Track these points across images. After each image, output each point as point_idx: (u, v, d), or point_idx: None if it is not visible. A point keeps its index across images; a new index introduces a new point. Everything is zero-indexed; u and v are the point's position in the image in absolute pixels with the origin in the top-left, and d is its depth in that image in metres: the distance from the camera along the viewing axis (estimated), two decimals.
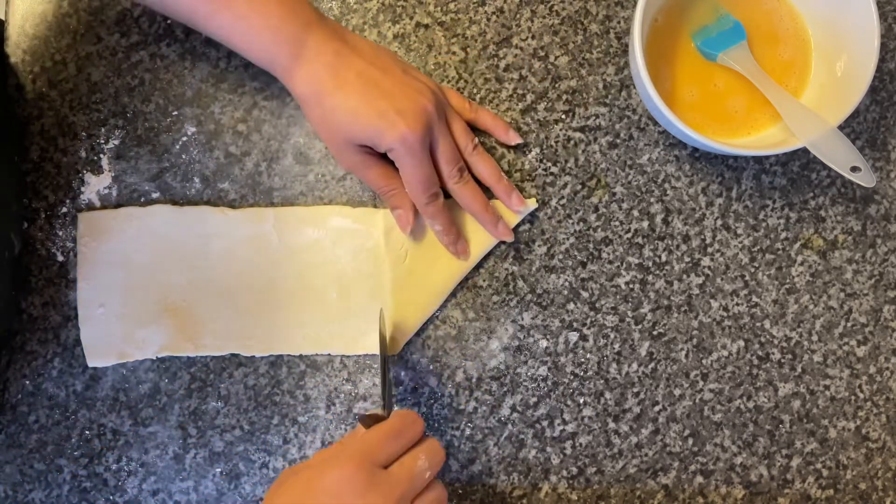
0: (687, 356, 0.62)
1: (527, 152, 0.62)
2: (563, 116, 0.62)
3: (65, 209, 0.60)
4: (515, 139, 0.61)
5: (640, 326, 0.61)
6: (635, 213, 0.62)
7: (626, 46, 0.62)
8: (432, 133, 0.55)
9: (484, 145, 0.61)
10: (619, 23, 0.63)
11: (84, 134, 0.61)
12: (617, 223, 0.62)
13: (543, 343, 0.61)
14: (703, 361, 0.62)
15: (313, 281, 0.60)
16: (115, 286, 0.59)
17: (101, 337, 0.59)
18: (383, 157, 0.57)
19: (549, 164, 0.62)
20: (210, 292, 0.59)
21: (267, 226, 0.60)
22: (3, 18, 0.62)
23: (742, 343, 0.62)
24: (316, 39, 0.54)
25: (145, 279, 0.59)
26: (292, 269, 0.60)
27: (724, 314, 0.62)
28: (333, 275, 0.60)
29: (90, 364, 0.59)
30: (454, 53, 0.62)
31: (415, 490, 0.47)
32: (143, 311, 0.59)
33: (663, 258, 0.62)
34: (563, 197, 0.62)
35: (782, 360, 0.62)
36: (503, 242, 0.61)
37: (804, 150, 0.57)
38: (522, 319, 0.61)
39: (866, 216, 0.63)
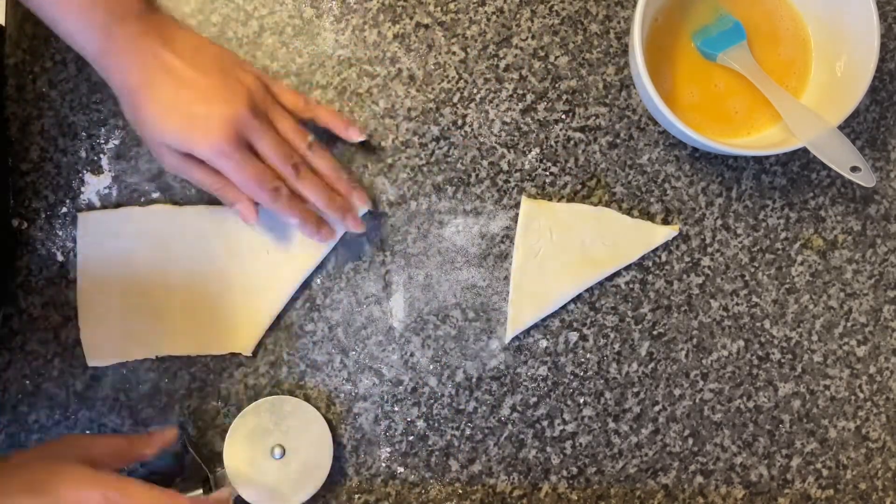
0: (687, 356, 0.62)
1: (527, 152, 0.62)
2: (563, 116, 0.62)
3: (65, 209, 0.60)
4: (357, 136, 0.59)
5: (640, 326, 0.61)
6: (635, 212, 0.62)
7: (626, 46, 0.62)
8: (249, 135, 0.53)
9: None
10: (619, 23, 0.63)
11: (84, 134, 0.61)
12: None
13: (543, 343, 0.61)
14: (703, 361, 0.62)
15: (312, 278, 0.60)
16: (114, 286, 0.59)
17: (101, 337, 0.59)
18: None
19: (549, 164, 0.62)
20: (210, 292, 0.59)
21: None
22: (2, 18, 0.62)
23: (742, 343, 0.62)
24: (128, 31, 0.52)
25: (145, 279, 0.59)
26: (291, 268, 0.60)
27: (724, 314, 0.62)
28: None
29: (90, 364, 0.59)
30: (454, 53, 0.62)
31: None
32: (142, 311, 0.59)
33: (663, 258, 0.62)
34: (563, 197, 0.62)
35: (782, 360, 0.62)
36: (503, 242, 0.61)
37: (804, 150, 0.57)
38: None
39: (866, 216, 0.63)
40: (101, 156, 0.60)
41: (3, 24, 0.62)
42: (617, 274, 0.61)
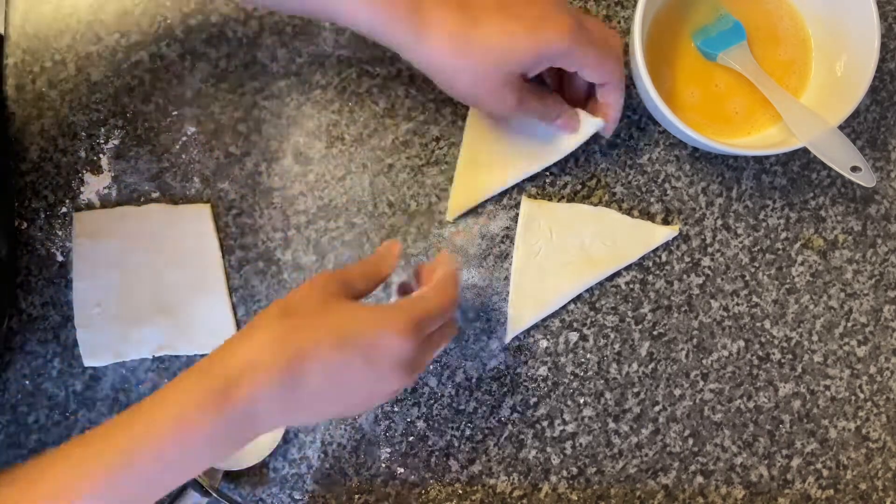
0: (687, 356, 0.62)
1: None
2: None
3: (64, 209, 0.60)
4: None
5: (640, 326, 0.61)
6: (635, 213, 0.62)
7: (626, 46, 0.62)
8: (586, 25, 0.53)
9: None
10: (619, 23, 0.63)
11: (84, 134, 0.61)
12: None
13: (543, 343, 0.61)
14: (703, 361, 0.62)
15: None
16: (111, 285, 0.59)
17: (98, 336, 0.59)
18: (531, 84, 0.54)
19: None
20: (206, 290, 0.59)
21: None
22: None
23: (742, 343, 0.62)
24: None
25: (141, 278, 0.59)
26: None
27: (724, 314, 0.62)
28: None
29: (86, 364, 0.59)
30: None
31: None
32: (139, 311, 0.59)
33: (663, 258, 0.62)
34: (563, 197, 0.62)
35: (782, 360, 0.62)
36: (503, 242, 0.61)
37: (804, 150, 0.57)
38: None
39: (866, 216, 0.63)
40: (101, 156, 0.60)
41: (3, 25, 0.62)
42: (617, 274, 0.61)
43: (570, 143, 0.60)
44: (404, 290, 0.53)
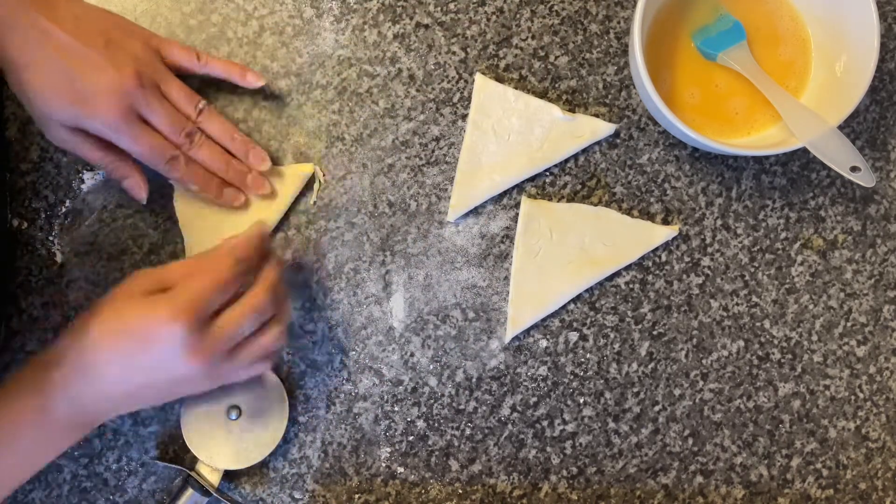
0: (687, 356, 0.62)
1: None
2: None
3: (65, 209, 0.60)
4: (256, 80, 0.59)
5: (640, 326, 0.61)
6: (635, 213, 0.62)
7: (626, 46, 0.62)
8: (139, 108, 0.53)
9: None
10: (619, 23, 0.63)
11: None
12: None
13: (543, 343, 0.61)
14: (703, 361, 0.62)
15: None
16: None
17: None
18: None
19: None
20: None
21: None
22: None
23: (742, 343, 0.62)
24: (6, 3, 0.50)
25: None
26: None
27: (724, 314, 0.62)
28: None
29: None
30: (454, 53, 0.62)
31: (233, 342, 0.50)
32: None
33: (663, 258, 0.62)
34: (563, 197, 0.62)
35: (782, 360, 0.62)
36: (503, 242, 0.61)
37: (804, 150, 0.57)
38: None
39: (866, 216, 0.63)
40: None
41: None
42: (617, 274, 0.61)
43: (571, 144, 0.60)
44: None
